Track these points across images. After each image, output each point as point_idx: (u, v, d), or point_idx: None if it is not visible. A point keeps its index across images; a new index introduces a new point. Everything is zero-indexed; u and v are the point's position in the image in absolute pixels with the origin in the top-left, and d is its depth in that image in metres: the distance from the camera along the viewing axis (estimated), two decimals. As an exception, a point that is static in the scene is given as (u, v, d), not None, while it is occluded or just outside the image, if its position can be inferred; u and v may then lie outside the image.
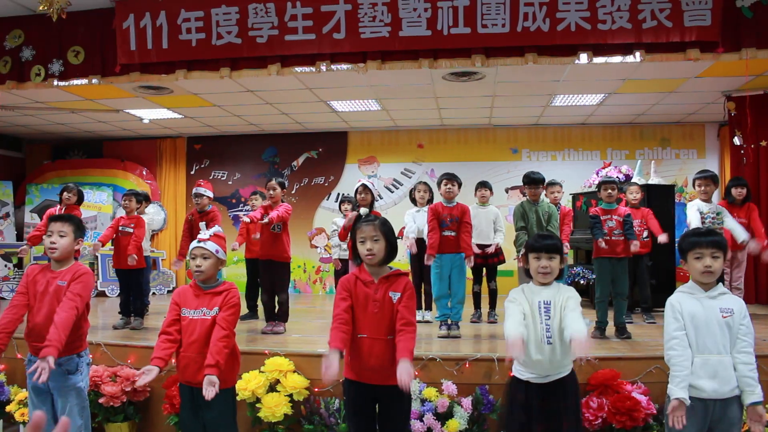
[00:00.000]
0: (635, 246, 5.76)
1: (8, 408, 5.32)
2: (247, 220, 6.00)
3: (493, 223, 7.01)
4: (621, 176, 8.29)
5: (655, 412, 4.41)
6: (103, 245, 6.61)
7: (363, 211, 3.51)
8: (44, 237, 3.72)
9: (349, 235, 5.64)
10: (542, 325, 3.23)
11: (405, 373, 2.91)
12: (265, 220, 5.86)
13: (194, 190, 6.71)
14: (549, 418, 3.19)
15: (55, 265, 3.71)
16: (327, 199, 11.32)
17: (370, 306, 3.25)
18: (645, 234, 6.98)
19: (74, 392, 3.66)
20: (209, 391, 3.17)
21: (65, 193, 6.87)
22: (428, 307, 6.94)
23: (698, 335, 3.09)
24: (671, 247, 7.36)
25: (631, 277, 6.39)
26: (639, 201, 6.96)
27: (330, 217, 9.93)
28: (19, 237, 10.80)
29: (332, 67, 5.65)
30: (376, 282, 3.27)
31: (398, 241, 3.45)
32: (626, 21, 5.14)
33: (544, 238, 3.35)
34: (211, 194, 6.68)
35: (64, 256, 3.68)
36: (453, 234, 5.90)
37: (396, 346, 3.11)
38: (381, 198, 10.96)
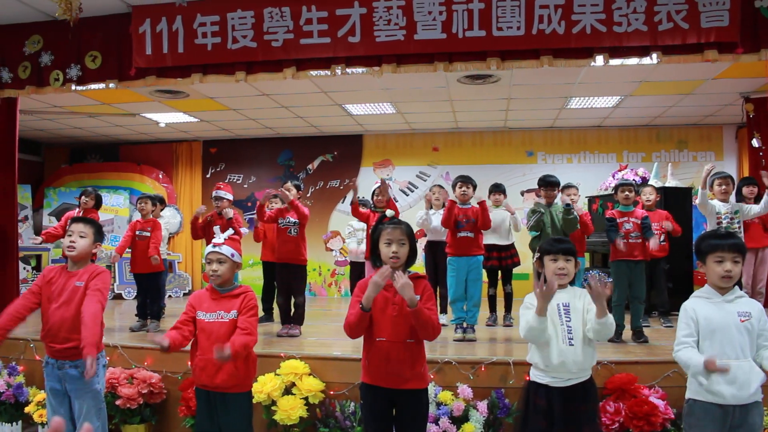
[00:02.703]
0: (655, 242, 5.72)
1: (27, 409, 5.37)
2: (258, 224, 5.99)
3: (509, 225, 6.98)
4: (637, 179, 8.24)
5: (673, 416, 4.36)
6: (120, 255, 6.65)
7: (389, 212, 3.50)
8: (65, 237, 3.74)
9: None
10: (563, 326, 3.21)
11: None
12: (292, 197, 5.94)
13: (214, 194, 6.69)
14: (569, 422, 3.16)
15: (71, 266, 3.73)
16: (342, 203, 11.33)
17: (388, 309, 3.24)
18: (662, 237, 6.92)
19: (91, 394, 3.68)
20: (218, 354, 3.18)
21: (83, 197, 6.93)
22: (443, 310, 6.92)
23: (716, 340, 3.03)
24: (688, 249, 7.31)
25: (648, 280, 6.33)
26: (654, 203, 6.89)
27: (345, 220, 9.93)
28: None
29: (347, 70, 5.65)
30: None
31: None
32: (642, 23, 5.11)
33: (559, 242, 3.35)
34: (231, 197, 6.66)
35: (81, 257, 3.71)
36: (470, 235, 5.89)
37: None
38: (396, 201, 10.95)
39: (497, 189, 7.15)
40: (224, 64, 5.74)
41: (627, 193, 5.86)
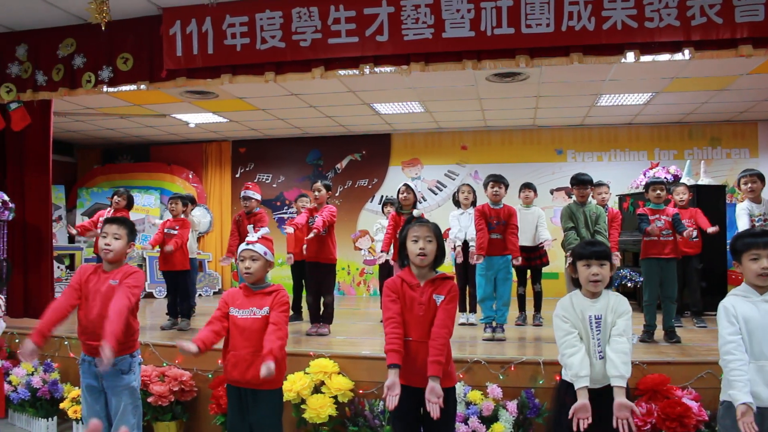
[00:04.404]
0: (689, 232, 5.64)
1: (62, 405, 5.47)
2: (291, 230, 6.05)
3: (537, 225, 6.93)
4: (669, 177, 8.12)
5: (707, 418, 4.28)
6: (153, 247, 6.79)
7: (416, 212, 3.48)
8: (99, 239, 3.78)
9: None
10: (594, 340, 3.17)
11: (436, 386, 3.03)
12: (311, 234, 5.91)
13: (242, 193, 6.76)
14: (600, 423, 3.12)
15: (107, 266, 3.78)
16: (371, 202, 11.35)
17: (415, 308, 3.24)
18: (695, 234, 6.80)
19: (128, 391, 3.74)
20: (265, 371, 3.20)
21: (115, 197, 7.03)
22: (473, 310, 6.90)
23: (753, 341, 2.97)
24: (722, 248, 7.19)
25: (681, 279, 6.24)
26: (687, 202, 6.78)
27: (374, 219, 9.95)
28: (71, 239, 11.10)
29: (375, 69, 5.64)
30: (422, 285, 3.27)
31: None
32: (674, 18, 5.01)
33: (592, 245, 3.27)
34: (259, 197, 6.72)
35: (117, 258, 3.76)
36: (499, 237, 5.88)
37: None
38: (425, 200, 10.95)
39: (527, 187, 7.12)
40: (253, 65, 5.77)
41: (659, 191, 5.77)
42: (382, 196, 10.99)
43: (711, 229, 6.36)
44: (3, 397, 4.10)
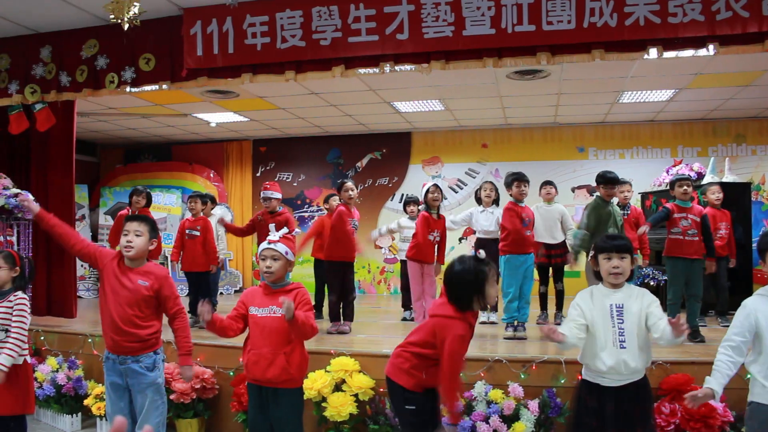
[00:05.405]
0: (711, 266, 5.75)
1: (86, 402, 5.54)
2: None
3: (561, 223, 6.87)
4: (693, 174, 8.03)
5: (732, 419, 4.22)
6: (176, 261, 6.81)
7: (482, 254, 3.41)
8: (122, 236, 3.79)
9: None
10: (614, 329, 3.13)
11: None
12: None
13: (262, 194, 6.74)
14: (622, 423, 3.09)
15: (129, 262, 3.78)
16: (391, 200, 11.35)
17: None
18: (727, 239, 6.70)
19: (153, 387, 3.76)
20: (286, 304, 3.31)
21: (134, 197, 7.03)
22: (494, 308, 6.86)
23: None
24: (748, 247, 7.10)
25: (709, 278, 6.15)
26: (721, 201, 6.65)
27: (394, 218, 9.93)
28: (94, 238, 11.22)
29: (396, 68, 5.64)
30: None
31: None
32: (698, 13, 4.94)
33: (613, 239, 3.26)
34: (279, 196, 6.67)
35: (139, 255, 3.78)
36: (529, 233, 5.90)
37: None
38: (445, 198, 10.91)
39: (548, 183, 7.08)
40: (274, 64, 5.79)
41: (686, 188, 5.67)
42: (402, 195, 10.97)
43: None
44: (33, 393, 4.18)
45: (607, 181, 5.86)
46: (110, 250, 3.93)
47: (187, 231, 6.78)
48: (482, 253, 3.29)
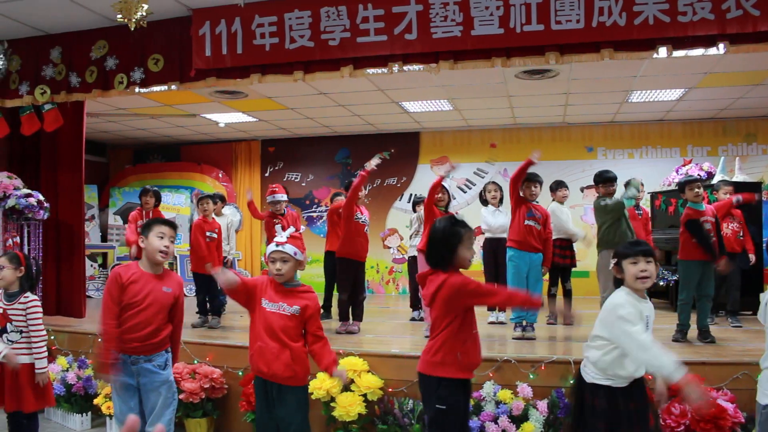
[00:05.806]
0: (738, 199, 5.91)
1: (96, 401, 5.56)
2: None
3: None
4: (703, 174, 7.98)
5: (743, 420, 4.18)
6: (216, 269, 6.81)
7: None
8: (155, 239, 3.72)
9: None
10: None
11: None
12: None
13: (270, 198, 6.78)
14: (637, 419, 3.05)
15: (152, 267, 3.77)
16: (399, 200, 11.34)
17: None
18: (741, 232, 6.68)
19: (166, 386, 3.79)
20: (338, 375, 3.67)
21: (144, 197, 7.05)
22: (502, 308, 6.85)
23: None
24: (759, 247, 7.06)
25: (721, 277, 6.11)
26: None
27: (403, 217, 9.93)
28: (104, 238, 11.28)
29: (404, 68, 5.63)
30: None
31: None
32: (708, 11, 4.90)
33: (638, 244, 3.19)
34: (285, 197, 6.74)
35: (168, 260, 3.85)
36: (538, 227, 5.82)
37: None
38: (454, 198, 10.89)
39: (561, 185, 7.09)
40: (282, 64, 5.80)
41: (697, 190, 5.61)
42: (411, 195, 10.96)
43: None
44: (51, 387, 4.28)
45: (605, 180, 6.05)
46: (118, 274, 3.78)
47: (207, 233, 6.71)
48: (460, 215, 3.30)
